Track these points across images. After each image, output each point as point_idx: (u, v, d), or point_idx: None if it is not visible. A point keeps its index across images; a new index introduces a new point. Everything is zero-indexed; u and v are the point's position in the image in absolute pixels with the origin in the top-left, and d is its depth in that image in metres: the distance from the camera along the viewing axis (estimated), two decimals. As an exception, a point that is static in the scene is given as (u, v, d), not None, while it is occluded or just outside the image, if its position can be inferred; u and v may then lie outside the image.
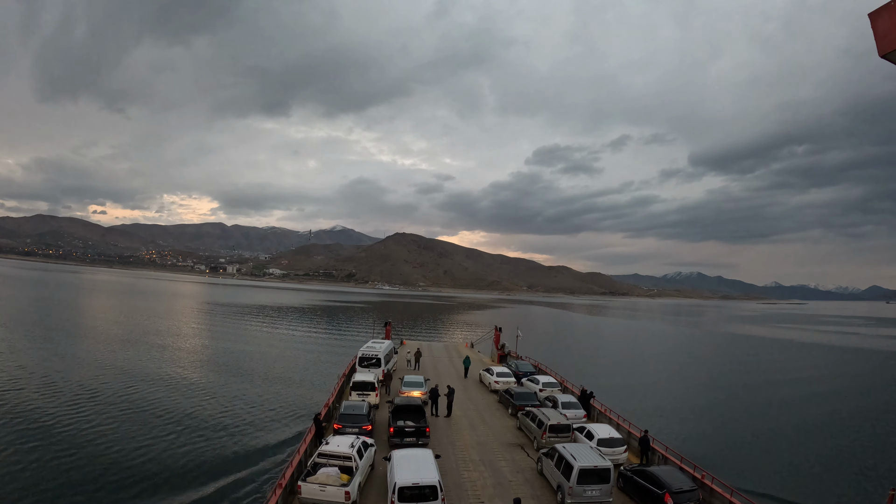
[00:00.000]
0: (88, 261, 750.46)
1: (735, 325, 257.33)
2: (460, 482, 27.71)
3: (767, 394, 73.86)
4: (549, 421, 33.10)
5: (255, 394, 56.60)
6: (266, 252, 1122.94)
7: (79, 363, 65.54)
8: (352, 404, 35.17)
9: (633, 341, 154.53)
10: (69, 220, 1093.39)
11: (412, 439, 31.90)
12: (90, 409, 46.28)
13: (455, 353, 75.09)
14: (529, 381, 50.09)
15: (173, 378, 61.21)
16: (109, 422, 43.28)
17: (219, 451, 38.67)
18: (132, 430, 41.71)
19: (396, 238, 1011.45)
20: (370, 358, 49.28)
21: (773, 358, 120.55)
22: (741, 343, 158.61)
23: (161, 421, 44.63)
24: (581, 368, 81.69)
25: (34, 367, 60.63)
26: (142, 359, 71.16)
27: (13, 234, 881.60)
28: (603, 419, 39.52)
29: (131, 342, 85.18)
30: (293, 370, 71.74)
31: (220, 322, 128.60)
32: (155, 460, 36.01)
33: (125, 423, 43.41)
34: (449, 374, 57.78)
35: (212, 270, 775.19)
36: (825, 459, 45.19)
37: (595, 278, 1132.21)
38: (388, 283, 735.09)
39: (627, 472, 27.62)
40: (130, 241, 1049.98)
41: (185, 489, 32.13)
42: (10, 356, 65.95)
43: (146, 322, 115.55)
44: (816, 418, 60.15)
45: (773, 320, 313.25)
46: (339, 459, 25.94)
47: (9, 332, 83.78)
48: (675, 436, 45.96)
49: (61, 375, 57.75)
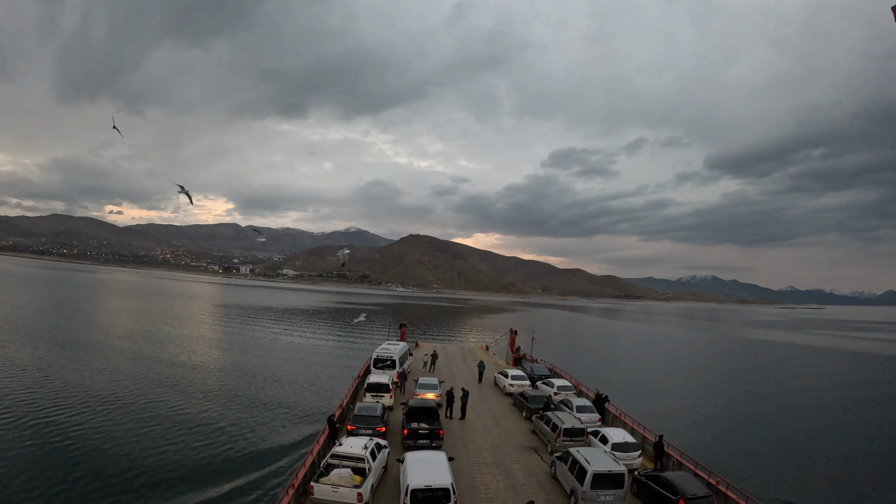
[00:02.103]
0: (102, 260, 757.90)
1: (759, 330, 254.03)
2: (473, 485, 27.67)
3: (787, 400, 73.08)
4: (563, 424, 32.97)
5: (268, 395, 56.86)
6: (280, 253, 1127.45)
7: (91, 365, 66.24)
8: (366, 406, 35.24)
9: (649, 345, 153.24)
10: (84, 220, 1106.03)
11: (426, 441, 31.87)
12: (104, 410, 46.78)
13: (470, 355, 74.96)
14: (544, 384, 49.97)
15: (186, 379, 61.67)
16: (124, 422, 43.69)
17: (232, 452, 38.88)
18: (146, 430, 42.05)
19: (410, 240, 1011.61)
20: (385, 359, 49.33)
21: (801, 364, 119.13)
22: (766, 349, 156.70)
23: (175, 422, 44.94)
24: (596, 372, 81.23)
25: (51, 369, 61.57)
26: (155, 361, 71.58)
27: (28, 233, 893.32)
28: (617, 423, 39.33)
29: (145, 344, 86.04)
30: (306, 372, 71.90)
31: (233, 323, 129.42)
32: (169, 460, 36.29)
33: (139, 423, 43.77)
34: (463, 376, 57.71)
35: (225, 271, 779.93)
36: (843, 467, 44.56)
37: (610, 281, 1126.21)
38: (401, 285, 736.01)
39: (642, 477, 27.41)
40: (145, 240, 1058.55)
41: (199, 489, 32.33)
42: (30, 361, 66.74)
43: (159, 323, 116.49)
44: (837, 426, 59.28)
45: (800, 326, 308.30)
46: (353, 461, 25.96)
47: (24, 336, 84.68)
48: (690, 441, 45.45)
49: (75, 376, 58.60)
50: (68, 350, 72.30)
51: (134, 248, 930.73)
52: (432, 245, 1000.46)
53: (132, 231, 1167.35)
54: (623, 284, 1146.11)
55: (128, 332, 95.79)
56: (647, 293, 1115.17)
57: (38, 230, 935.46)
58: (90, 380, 56.58)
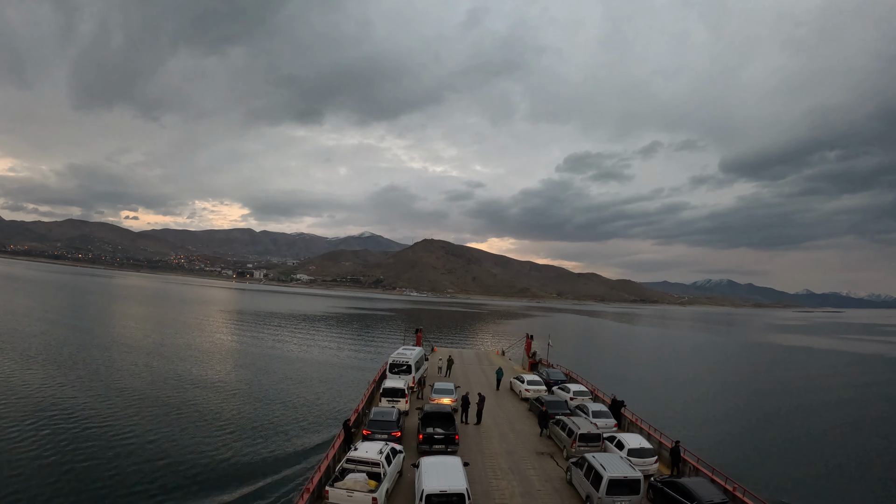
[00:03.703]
0: (117, 265, 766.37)
1: (781, 334, 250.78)
2: (488, 490, 27.62)
3: (808, 406, 72.16)
4: (578, 430, 32.82)
5: (284, 400, 57.15)
6: (294, 258, 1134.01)
7: (112, 368, 67.04)
8: (381, 411, 35.33)
9: (666, 350, 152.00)
10: (99, 225, 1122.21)
11: (441, 446, 31.93)
12: (122, 413, 47.30)
13: (486, 360, 74.87)
14: (560, 389, 49.82)
15: (203, 384, 62.10)
16: (143, 425, 44.15)
17: (248, 456, 39.15)
18: (164, 434, 42.44)
19: (425, 244, 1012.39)
20: (400, 364, 49.38)
21: (823, 369, 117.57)
22: (788, 354, 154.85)
23: (192, 426, 45.36)
24: (612, 377, 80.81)
25: (72, 370, 62.30)
26: (173, 365, 72.23)
27: (44, 238, 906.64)
28: (634, 429, 39.09)
29: (161, 349, 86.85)
30: (322, 377, 72.20)
31: (248, 329, 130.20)
32: (185, 463, 36.63)
33: (157, 427, 44.18)
34: (479, 381, 57.66)
35: (239, 275, 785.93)
36: (864, 474, 43.88)
37: (625, 286, 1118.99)
38: (415, 290, 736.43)
39: (658, 483, 27.12)
40: (160, 245, 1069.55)
41: (215, 492, 32.62)
42: (52, 364, 67.54)
43: (175, 328, 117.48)
44: (860, 432, 58.36)
45: (824, 330, 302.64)
46: (368, 465, 26.04)
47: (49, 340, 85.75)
48: (707, 446, 45.04)
49: (96, 378, 59.31)
50: (90, 354, 73.07)
51: (148, 252, 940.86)
52: (446, 250, 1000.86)
53: (147, 236, 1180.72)
54: (638, 288, 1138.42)
55: (144, 338, 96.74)
56: (662, 297, 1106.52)
57: (53, 235, 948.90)
58: (111, 384, 57.20)
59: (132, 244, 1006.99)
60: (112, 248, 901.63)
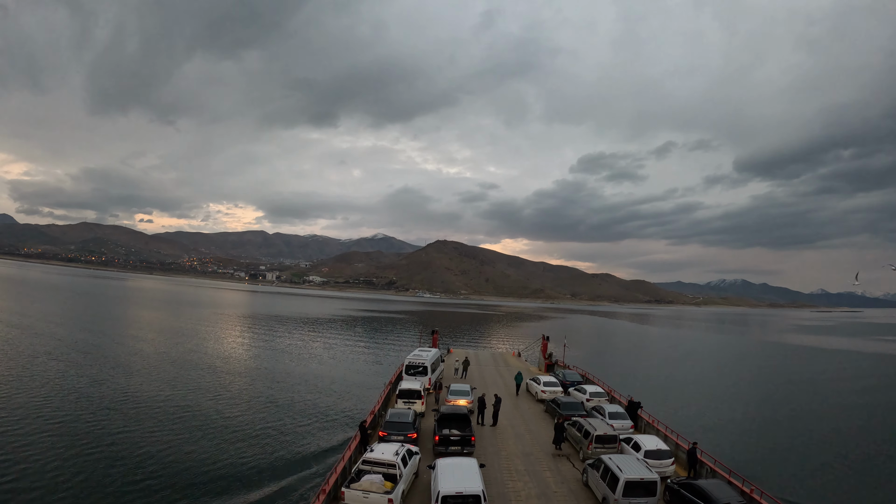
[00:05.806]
0: (130, 267, 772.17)
1: (800, 335, 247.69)
2: (504, 492, 27.67)
3: (828, 407, 71.45)
4: (595, 431, 32.75)
5: (300, 402, 57.37)
6: (307, 260, 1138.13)
7: (123, 369, 67.95)
8: (397, 412, 35.49)
9: (682, 351, 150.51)
10: (113, 228, 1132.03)
11: (457, 448, 31.99)
12: (139, 415, 47.86)
13: (502, 362, 74.80)
14: (577, 390, 49.73)
15: (220, 387, 62.49)
16: (159, 428, 44.57)
17: (264, 457, 39.38)
18: (181, 436, 42.84)
19: (438, 245, 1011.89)
20: (417, 366, 49.55)
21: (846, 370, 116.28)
22: (808, 354, 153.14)
23: (208, 428, 45.70)
24: (628, 378, 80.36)
25: (89, 375, 63.12)
26: (189, 368, 72.75)
27: (57, 241, 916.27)
28: (650, 430, 38.85)
29: (178, 351, 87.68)
30: (338, 378, 72.36)
31: (263, 331, 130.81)
32: (202, 465, 36.94)
33: (174, 429, 44.60)
34: (496, 383, 57.65)
35: (251, 278, 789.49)
36: (884, 478, 43.38)
37: (639, 286, 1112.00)
38: (428, 291, 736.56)
39: (674, 485, 27.04)
40: (173, 248, 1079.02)
41: (232, 493, 32.86)
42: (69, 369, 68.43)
43: (191, 331, 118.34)
44: (881, 436, 57.47)
45: (849, 331, 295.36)
46: (384, 467, 26.21)
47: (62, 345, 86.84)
48: (724, 448, 44.76)
49: (112, 382, 60.02)
50: (105, 356, 74.10)
51: (162, 255, 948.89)
52: (459, 251, 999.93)
53: (160, 239, 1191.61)
54: (652, 289, 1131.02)
55: (160, 339, 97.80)
56: (676, 298, 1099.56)
57: (66, 238, 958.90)
58: (128, 385, 57.93)
59: (145, 247, 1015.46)
60: (125, 251, 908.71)
